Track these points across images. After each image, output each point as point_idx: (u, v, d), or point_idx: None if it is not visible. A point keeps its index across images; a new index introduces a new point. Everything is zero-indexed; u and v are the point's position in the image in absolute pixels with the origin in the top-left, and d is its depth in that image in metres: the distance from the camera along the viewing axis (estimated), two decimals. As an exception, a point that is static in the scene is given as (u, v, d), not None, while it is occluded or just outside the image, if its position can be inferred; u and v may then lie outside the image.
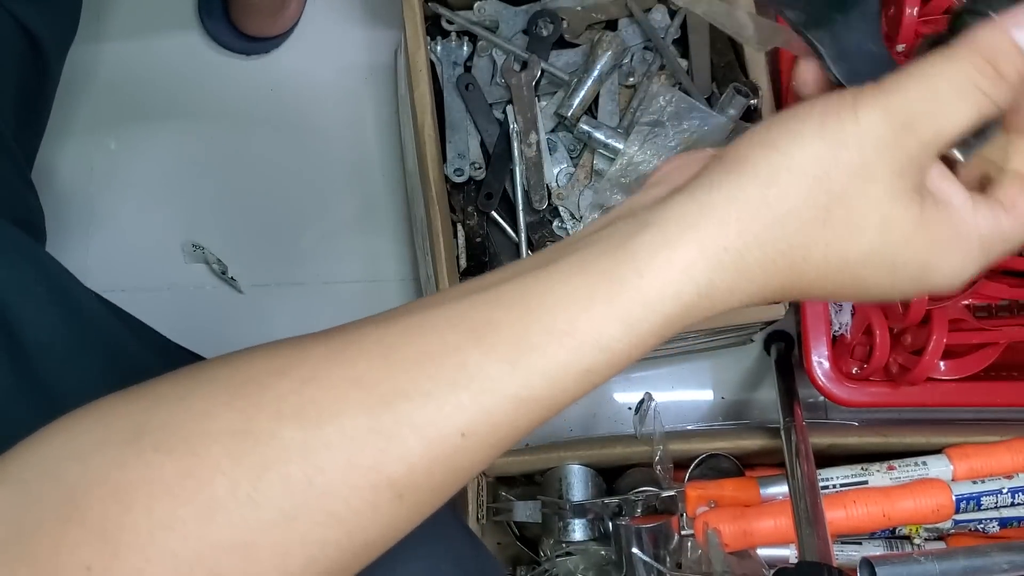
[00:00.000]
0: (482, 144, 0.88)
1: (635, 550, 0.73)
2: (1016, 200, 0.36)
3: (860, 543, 0.81)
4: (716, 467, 0.82)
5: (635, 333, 0.34)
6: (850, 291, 0.36)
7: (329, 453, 0.33)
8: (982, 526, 0.79)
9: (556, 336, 0.34)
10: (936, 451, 0.79)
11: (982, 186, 0.37)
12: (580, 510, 0.79)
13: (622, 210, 0.38)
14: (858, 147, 0.33)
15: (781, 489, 0.77)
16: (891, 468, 0.78)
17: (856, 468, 0.78)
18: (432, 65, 0.87)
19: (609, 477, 0.84)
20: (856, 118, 0.34)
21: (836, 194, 0.34)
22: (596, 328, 0.34)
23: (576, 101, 0.86)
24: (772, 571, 0.71)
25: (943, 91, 0.34)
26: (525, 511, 0.81)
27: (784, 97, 0.87)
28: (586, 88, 0.86)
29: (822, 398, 0.87)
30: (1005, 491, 0.77)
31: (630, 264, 0.34)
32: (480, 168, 0.87)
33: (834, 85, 0.39)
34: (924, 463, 0.78)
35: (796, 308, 0.85)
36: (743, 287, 0.35)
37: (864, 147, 0.33)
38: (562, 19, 0.87)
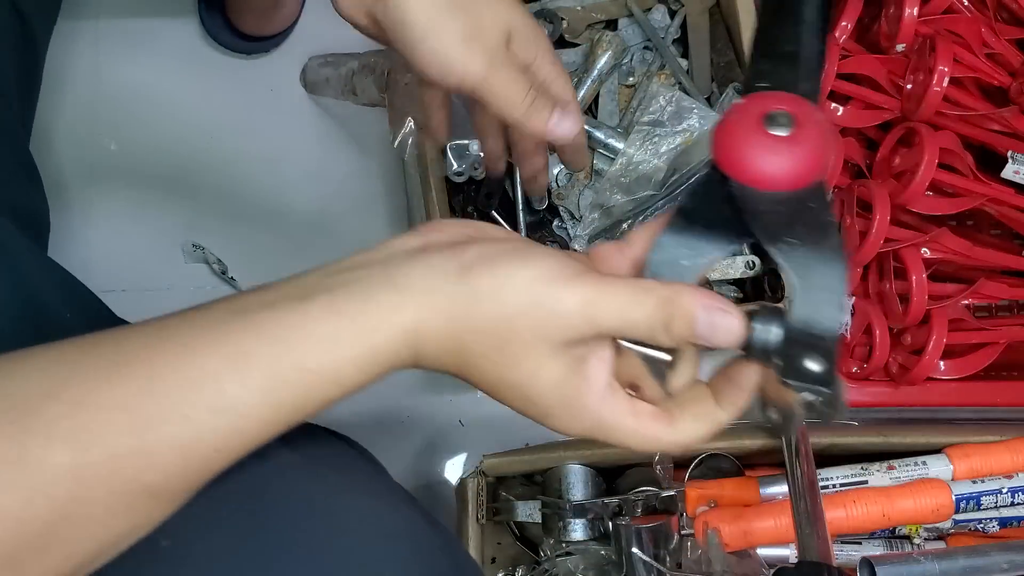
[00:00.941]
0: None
1: (635, 550, 0.73)
2: (643, 414, 0.45)
3: (860, 543, 0.81)
4: (716, 467, 0.82)
5: (363, 373, 0.42)
6: (504, 397, 0.45)
7: (94, 472, 0.37)
8: (982, 526, 0.79)
9: (304, 373, 0.40)
10: (936, 451, 0.79)
11: (634, 386, 0.45)
12: (580, 510, 0.79)
13: (378, 252, 0.45)
14: (550, 313, 0.42)
15: (781, 489, 0.77)
16: (891, 468, 0.78)
17: (856, 468, 0.78)
18: (432, 65, 0.87)
19: (609, 477, 0.84)
20: (561, 295, 0.41)
21: (516, 335, 0.42)
22: (337, 369, 0.41)
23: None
24: (772, 571, 0.71)
25: (634, 318, 0.42)
26: (525, 511, 0.81)
27: (784, 97, 0.87)
28: (586, 88, 0.86)
29: (822, 398, 0.87)
30: (1005, 491, 0.77)
31: (371, 316, 0.41)
32: (480, 168, 0.87)
33: None
34: (924, 463, 0.78)
35: (796, 308, 0.85)
36: (439, 359, 0.43)
37: (553, 316, 0.42)
38: (562, 19, 0.87)
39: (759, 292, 0.88)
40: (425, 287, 0.42)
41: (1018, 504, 0.78)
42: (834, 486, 0.78)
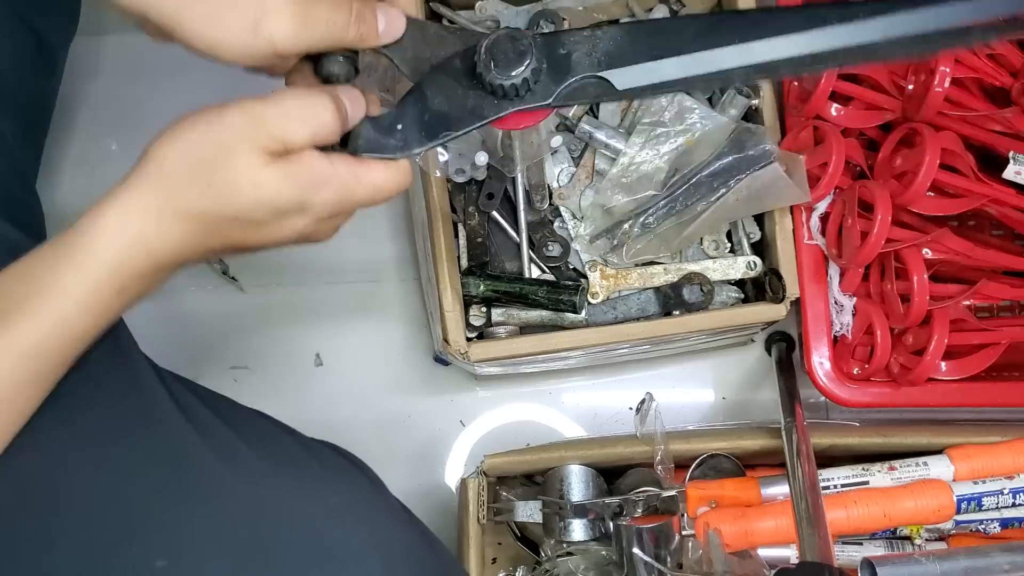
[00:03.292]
0: (483, 144, 0.88)
1: (636, 550, 0.73)
2: (370, 163, 0.52)
3: (861, 543, 0.81)
4: (717, 467, 0.82)
5: (92, 278, 0.47)
6: (256, 234, 0.50)
7: None
8: (983, 527, 0.79)
9: (32, 300, 0.47)
10: (937, 451, 0.79)
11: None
12: (581, 510, 0.79)
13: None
14: (221, 131, 0.48)
15: (782, 489, 0.77)
16: (892, 468, 0.78)
17: (857, 468, 0.78)
18: (433, 65, 0.87)
19: (610, 477, 0.84)
20: (221, 109, 0.48)
21: (211, 165, 0.47)
22: (61, 282, 0.47)
23: (577, 101, 0.86)
24: (773, 571, 0.71)
25: (291, 111, 0.49)
26: (526, 511, 0.81)
27: (785, 97, 0.87)
28: (587, 88, 0.86)
29: (823, 398, 0.87)
30: (1006, 491, 0.77)
31: (78, 229, 0.48)
32: (482, 168, 0.87)
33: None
34: (925, 463, 0.78)
35: (797, 309, 0.85)
36: (170, 236, 0.48)
37: (225, 132, 0.48)
38: (563, 19, 0.87)
39: (760, 292, 0.88)
40: (120, 188, 0.49)
41: (1019, 505, 0.78)
42: (835, 486, 0.77)
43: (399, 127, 0.52)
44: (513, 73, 0.49)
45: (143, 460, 0.52)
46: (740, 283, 0.89)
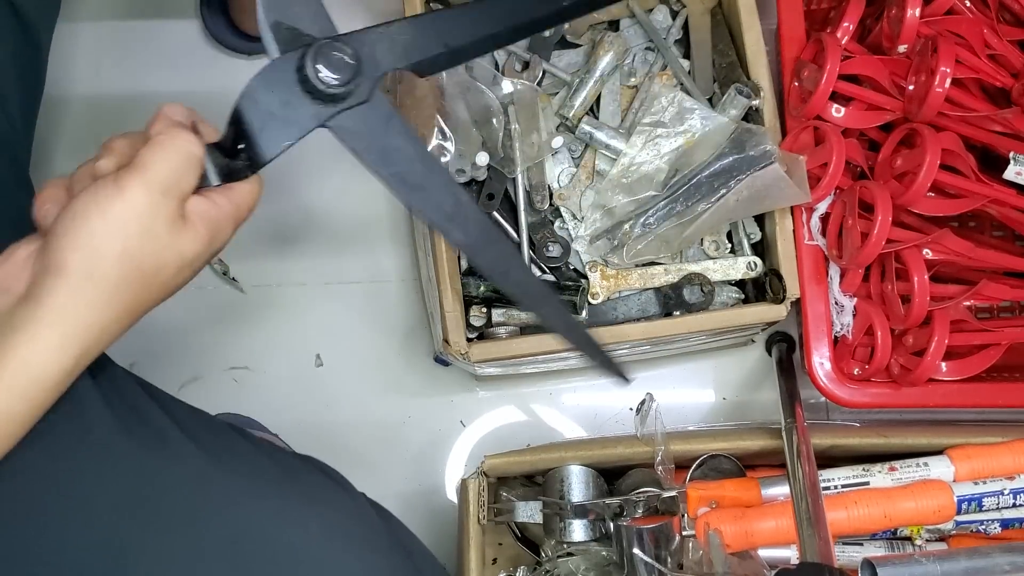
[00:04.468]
0: (484, 144, 0.88)
1: (636, 551, 0.73)
2: (236, 188, 0.54)
3: (861, 544, 0.81)
4: (717, 468, 0.82)
5: (28, 397, 0.47)
6: (169, 290, 0.52)
7: None
8: (983, 527, 0.79)
9: None
10: (937, 452, 0.79)
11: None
12: (581, 511, 0.79)
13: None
14: (135, 217, 0.48)
15: (782, 490, 0.77)
16: (892, 469, 0.78)
17: (857, 469, 0.78)
18: (434, 65, 0.87)
19: (610, 478, 0.84)
20: (123, 197, 0.48)
21: (138, 254, 0.48)
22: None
23: (578, 101, 0.86)
24: (773, 572, 0.71)
25: (177, 165, 0.50)
26: (526, 512, 0.81)
27: (786, 97, 0.87)
28: (588, 88, 0.86)
29: (823, 399, 0.87)
30: (1007, 492, 0.77)
31: (12, 356, 0.46)
32: (482, 168, 0.87)
33: None
34: (925, 464, 0.78)
35: (797, 309, 0.85)
36: (111, 336, 0.49)
37: (139, 216, 0.48)
38: (564, 19, 0.87)
39: (760, 293, 0.88)
40: (46, 315, 0.47)
41: (1020, 505, 0.78)
42: (836, 487, 0.77)
43: (240, 147, 0.55)
44: (340, 79, 0.53)
45: (114, 492, 0.51)
46: (740, 284, 0.88)
